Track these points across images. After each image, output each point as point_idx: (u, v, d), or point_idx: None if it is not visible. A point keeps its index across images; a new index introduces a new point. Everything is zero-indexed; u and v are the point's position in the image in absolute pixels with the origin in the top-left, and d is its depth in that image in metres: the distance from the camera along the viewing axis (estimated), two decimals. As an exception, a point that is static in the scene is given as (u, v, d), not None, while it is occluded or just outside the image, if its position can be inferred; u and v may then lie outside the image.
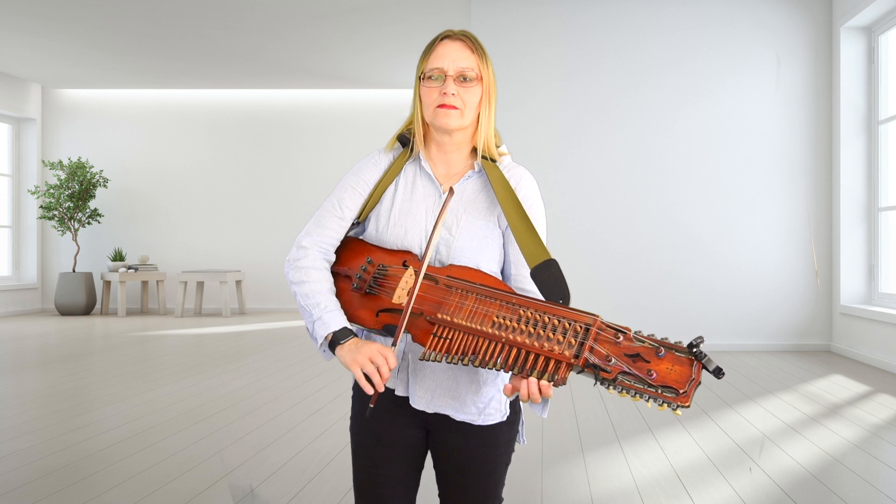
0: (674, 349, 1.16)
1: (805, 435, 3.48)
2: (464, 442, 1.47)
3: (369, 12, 6.89)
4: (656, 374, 1.14)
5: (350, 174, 1.54)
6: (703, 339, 1.14)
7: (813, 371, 5.22)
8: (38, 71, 9.24)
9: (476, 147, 1.51)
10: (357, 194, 1.52)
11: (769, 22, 6.32)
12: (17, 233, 9.95)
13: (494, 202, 1.49)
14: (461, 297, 1.35)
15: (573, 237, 6.35)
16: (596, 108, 6.42)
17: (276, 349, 6.27)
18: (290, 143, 10.08)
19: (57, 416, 3.87)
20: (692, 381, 1.13)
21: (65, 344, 6.77)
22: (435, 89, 1.44)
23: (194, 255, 10.15)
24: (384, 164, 1.54)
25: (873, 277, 5.90)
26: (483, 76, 1.46)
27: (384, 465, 1.50)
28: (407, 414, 1.48)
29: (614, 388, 1.17)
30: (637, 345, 1.18)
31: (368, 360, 1.34)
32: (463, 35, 1.47)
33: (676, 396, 1.13)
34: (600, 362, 1.19)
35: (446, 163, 1.52)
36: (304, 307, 1.44)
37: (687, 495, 2.67)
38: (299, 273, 1.46)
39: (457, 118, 1.44)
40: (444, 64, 1.44)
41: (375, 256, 1.47)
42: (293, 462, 3.06)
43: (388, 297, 1.41)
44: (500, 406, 1.49)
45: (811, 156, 6.28)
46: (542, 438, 3.43)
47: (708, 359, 1.13)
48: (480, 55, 1.46)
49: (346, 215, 1.51)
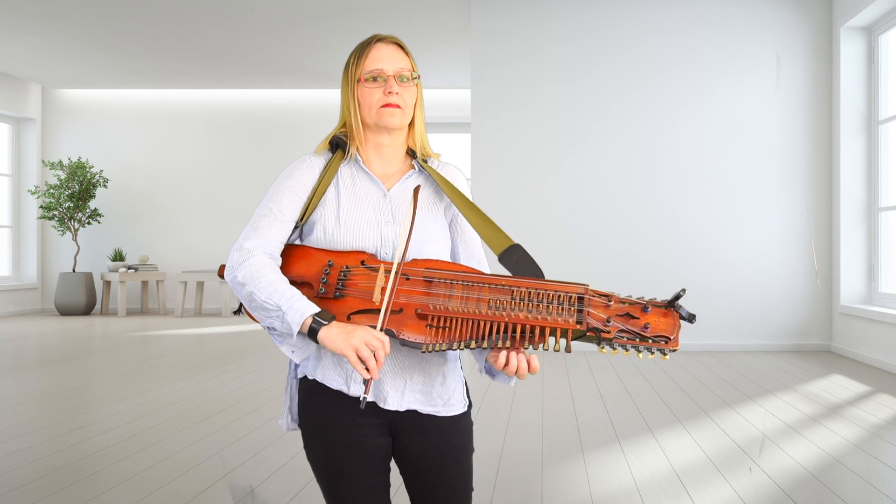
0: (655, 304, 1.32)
1: (805, 435, 3.48)
2: (432, 438, 1.47)
3: (369, 12, 6.89)
4: (650, 327, 1.30)
5: (283, 178, 1.51)
6: (684, 291, 1.29)
7: (813, 371, 5.22)
8: (38, 71, 9.24)
9: (409, 147, 1.56)
10: (295, 196, 1.49)
11: (769, 22, 6.32)
12: (17, 233, 9.96)
13: (439, 197, 1.54)
14: (447, 287, 1.36)
15: (573, 237, 6.35)
16: (596, 108, 6.42)
17: (276, 349, 6.27)
18: (290, 143, 10.08)
19: (57, 416, 3.87)
20: (677, 328, 1.29)
21: (65, 344, 6.77)
22: (376, 89, 1.47)
23: (194, 255, 10.15)
24: (318, 166, 1.53)
25: (873, 277, 5.90)
26: (417, 78, 1.52)
27: (361, 478, 1.46)
28: (373, 422, 1.45)
29: (613, 346, 1.31)
30: (625, 305, 1.32)
31: (364, 345, 1.30)
32: (394, 39, 1.52)
33: (668, 342, 1.30)
34: (600, 325, 1.31)
35: (383, 164, 1.54)
36: (265, 303, 1.34)
37: (687, 495, 2.67)
38: (249, 271, 1.37)
39: (400, 116, 1.48)
40: (383, 65, 1.47)
41: (334, 259, 1.44)
42: (293, 462, 3.06)
43: (357, 299, 1.39)
44: (461, 396, 1.51)
45: (811, 156, 6.28)
46: (542, 438, 3.43)
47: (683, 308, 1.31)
48: (412, 59, 1.53)
49: (286, 217, 1.46)
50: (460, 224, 1.55)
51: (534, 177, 6.41)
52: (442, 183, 1.52)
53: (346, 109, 1.52)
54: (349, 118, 1.52)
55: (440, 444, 1.48)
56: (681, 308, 1.31)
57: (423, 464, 1.49)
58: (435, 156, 1.59)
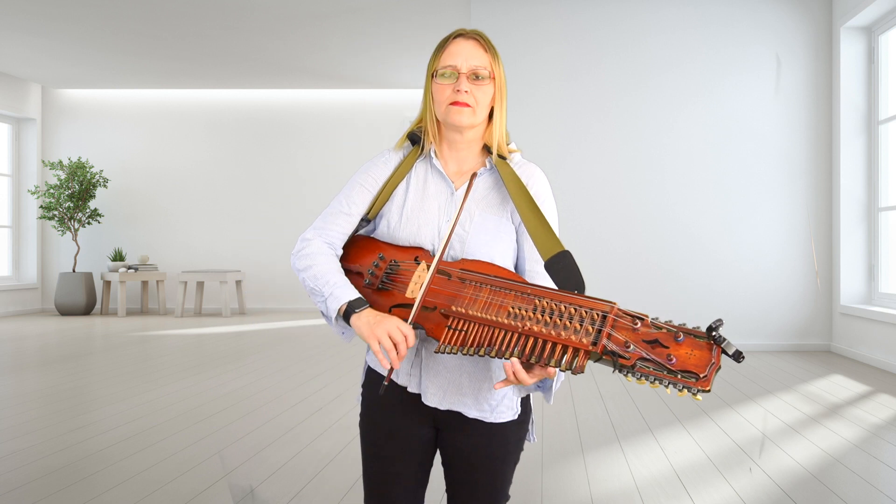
0: (692, 334, 1.15)
1: (805, 435, 3.48)
2: (474, 440, 1.47)
3: (369, 12, 6.89)
4: (676, 360, 1.13)
5: (359, 172, 1.54)
6: (721, 322, 1.12)
7: (813, 371, 5.22)
8: (38, 71, 9.24)
9: (486, 145, 1.52)
10: (366, 191, 1.52)
11: (769, 22, 6.32)
12: (17, 233, 9.95)
13: (507, 198, 1.49)
14: (475, 290, 1.34)
15: (573, 237, 6.35)
16: (596, 108, 6.42)
17: (276, 349, 6.27)
18: (290, 143, 10.08)
19: (57, 416, 3.87)
20: (712, 366, 1.11)
21: (65, 344, 6.77)
22: (447, 87, 1.44)
23: (194, 255, 10.15)
24: (394, 161, 1.54)
25: (873, 277, 5.90)
26: (495, 75, 1.47)
27: (395, 461, 1.50)
28: (418, 412, 1.48)
29: (633, 374, 1.15)
30: (655, 331, 1.17)
31: (387, 335, 1.33)
32: (476, 34, 1.47)
33: (697, 381, 1.11)
34: (618, 349, 1.17)
35: (457, 160, 1.52)
36: (314, 289, 1.44)
37: (687, 495, 2.67)
38: (305, 259, 1.47)
39: (469, 115, 1.44)
40: (456, 62, 1.44)
41: (387, 253, 1.47)
42: (293, 462, 3.06)
43: (400, 293, 1.41)
44: (511, 404, 1.49)
45: (811, 156, 6.28)
46: (542, 438, 3.43)
47: (727, 342, 1.11)
48: (493, 55, 1.47)
49: (353, 211, 1.51)
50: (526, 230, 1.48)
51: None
52: (511, 184, 1.46)
53: (423, 104, 1.51)
54: (425, 113, 1.51)
55: (479, 448, 1.48)
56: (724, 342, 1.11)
57: (460, 461, 1.50)
58: (515, 152, 1.54)
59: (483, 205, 1.48)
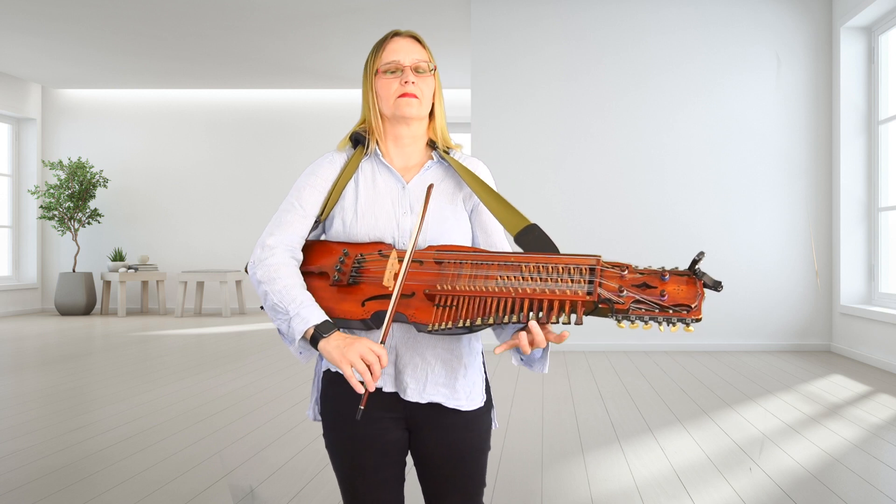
0: (675, 273, 1.22)
1: (805, 435, 3.48)
2: (449, 434, 1.48)
3: (369, 12, 6.89)
4: (668, 296, 1.20)
5: (305, 174, 1.54)
6: (703, 255, 1.17)
7: (813, 371, 5.22)
8: (38, 71, 9.24)
9: (430, 139, 1.57)
10: (317, 192, 1.52)
11: (769, 22, 6.32)
12: (17, 233, 9.95)
13: (457, 189, 1.54)
14: (456, 268, 1.35)
15: (573, 237, 6.35)
16: (596, 108, 6.42)
17: (276, 349, 6.27)
18: (290, 143, 10.09)
19: (57, 416, 3.87)
20: (699, 296, 1.19)
21: (65, 344, 6.77)
22: (393, 80, 1.49)
23: (194, 255, 10.15)
24: (339, 162, 1.55)
25: (873, 277, 5.90)
26: (434, 70, 1.53)
27: (379, 470, 1.48)
28: (391, 415, 1.47)
29: (628, 319, 1.22)
30: (640, 275, 1.23)
31: (360, 358, 1.30)
32: (411, 33, 1.54)
33: (689, 312, 1.20)
34: (613, 295, 1.22)
35: (404, 156, 1.55)
36: (276, 305, 1.39)
37: (687, 495, 2.67)
38: (268, 271, 1.42)
39: (417, 106, 1.49)
40: (399, 57, 1.49)
41: (350, 249, 1.46)
42: (293, 462, 3.06)
43: (372, 285, 1.39)
44: (480, 391, 1.51)
45: (811, 156, 6.28)
46: (542, 438, 3.43)
47: (707, 275, 1.20)
48: (429, 51, 1.54)
49: (308, 212, 1.50)
50: (481, 215, 1.54)
51: (534, 177, 6.41)
52: (462, 172, 1.51)
53: (365, 104, 1.54)
54: (368, 112, 1.54)
55: (457, 440, 1.48)
56: (704, 275, 1.21)
57: (438, 459, 1.49)
58: (456, 147, 1.59)
59: (436, 194, 1.51)
